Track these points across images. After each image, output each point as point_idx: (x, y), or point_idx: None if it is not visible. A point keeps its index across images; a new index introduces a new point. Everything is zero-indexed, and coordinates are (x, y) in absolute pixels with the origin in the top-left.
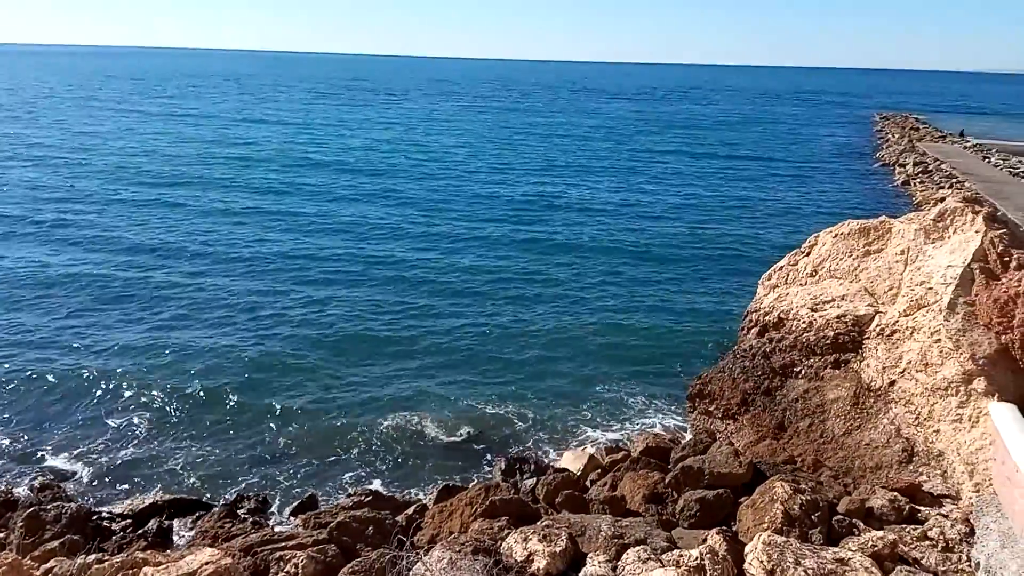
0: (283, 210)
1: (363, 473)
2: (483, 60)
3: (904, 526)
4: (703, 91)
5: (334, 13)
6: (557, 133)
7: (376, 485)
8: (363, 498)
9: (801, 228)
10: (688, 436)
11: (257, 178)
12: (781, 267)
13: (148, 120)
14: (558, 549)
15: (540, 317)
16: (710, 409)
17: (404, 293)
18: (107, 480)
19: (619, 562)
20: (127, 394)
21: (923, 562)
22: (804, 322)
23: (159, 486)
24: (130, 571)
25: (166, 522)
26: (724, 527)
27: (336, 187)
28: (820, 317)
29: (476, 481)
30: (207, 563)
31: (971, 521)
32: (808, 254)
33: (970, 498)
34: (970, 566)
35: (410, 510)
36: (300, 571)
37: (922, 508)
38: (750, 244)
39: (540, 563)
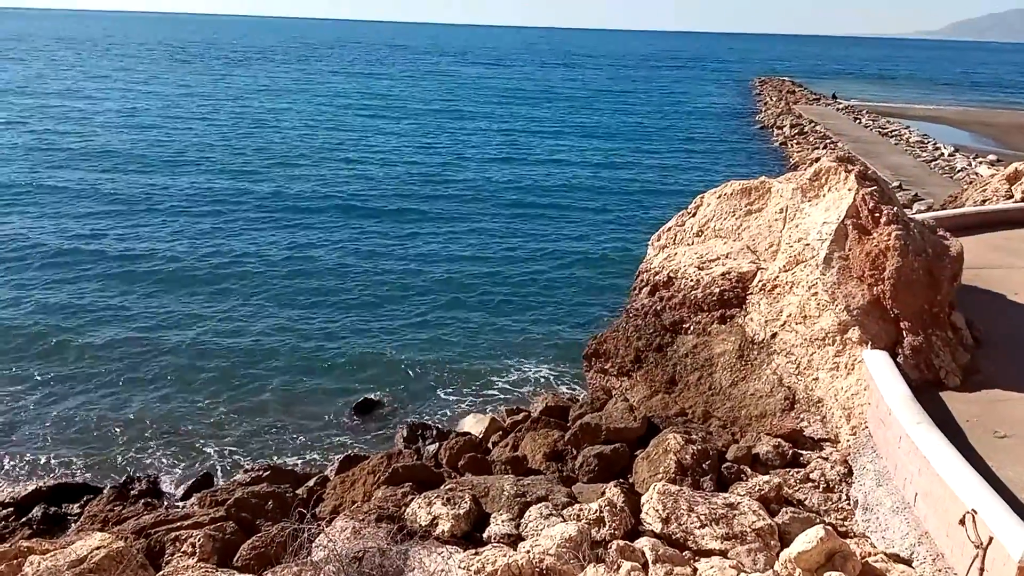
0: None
1: (260, 448)
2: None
3: (788, 470)
4: (579, 57)
5: None
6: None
7: (274, 460)
8: (261, 473)
9: (688, 189)
10: (585, 395)
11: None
12: (669, 228)
13: None
14: (462, 511)
15: (433, 284)
16: (606, 367)
17: (284, 266)
18: None
19: (522, 519)
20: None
21: (806, 503)
22: (692, 280)
23: (42, 473)
24: (14, 561)
25: (51, 509)
26: (621, 480)
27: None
28: (706, 275)
29: (378, 450)
30: (98, 548)
31: (849, 462)
32: (694, 215)
33: (848, 441)
34: (849, 504)
35: (311, 482)
36: (198, 550)
37: (804, 452)
38: (638, 206)
39: (444, 526)
